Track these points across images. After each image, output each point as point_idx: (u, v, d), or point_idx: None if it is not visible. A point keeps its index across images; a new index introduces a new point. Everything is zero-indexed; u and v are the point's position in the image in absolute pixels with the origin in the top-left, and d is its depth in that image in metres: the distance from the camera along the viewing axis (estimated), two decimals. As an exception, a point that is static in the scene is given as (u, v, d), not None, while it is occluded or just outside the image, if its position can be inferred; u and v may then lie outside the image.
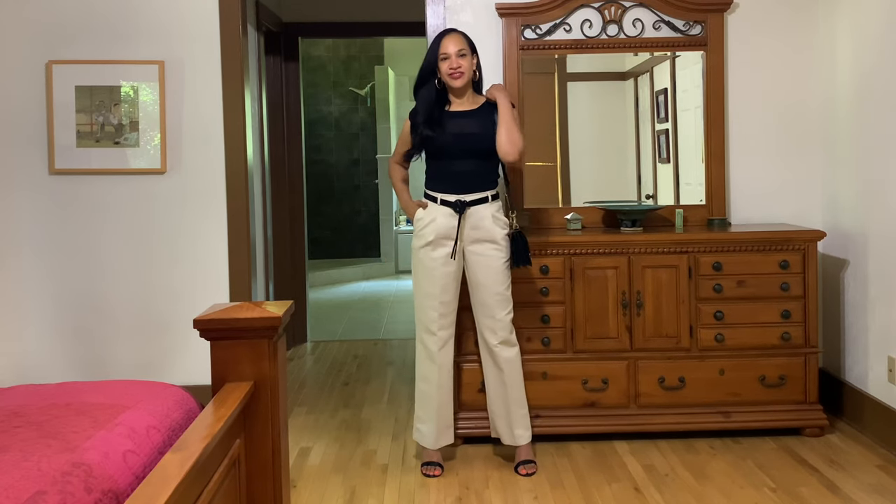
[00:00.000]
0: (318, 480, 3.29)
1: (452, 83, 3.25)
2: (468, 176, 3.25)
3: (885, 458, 3.37)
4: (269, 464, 2.13)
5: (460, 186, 3.25)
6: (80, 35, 3.91)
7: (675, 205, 4.04)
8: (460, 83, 3.24)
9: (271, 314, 2.11)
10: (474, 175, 3.26)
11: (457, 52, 3.22)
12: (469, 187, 3.25)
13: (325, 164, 9.59)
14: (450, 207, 3.25)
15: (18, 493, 1.52)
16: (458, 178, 3.25)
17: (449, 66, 3.22)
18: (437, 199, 3.28)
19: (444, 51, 3.23)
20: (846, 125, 3.85)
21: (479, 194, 3.26)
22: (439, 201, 3.27)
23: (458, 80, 3.23)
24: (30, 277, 3.93)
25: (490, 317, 3.29)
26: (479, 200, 3.26)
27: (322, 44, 9.52)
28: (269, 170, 5.30)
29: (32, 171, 3.91)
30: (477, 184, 3.26)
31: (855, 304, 3.78)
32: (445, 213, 3.25)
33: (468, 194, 3.25)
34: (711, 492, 3.09)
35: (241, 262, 3.99)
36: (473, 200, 3.25)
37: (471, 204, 3.25)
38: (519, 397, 3.36)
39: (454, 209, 3.24)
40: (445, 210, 3.25)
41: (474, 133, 3.25)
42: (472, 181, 3.25)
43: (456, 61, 3.21)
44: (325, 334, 6.08)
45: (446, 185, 3.27)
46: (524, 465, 3.31)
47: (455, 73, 3.22)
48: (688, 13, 3.97)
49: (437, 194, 3.28)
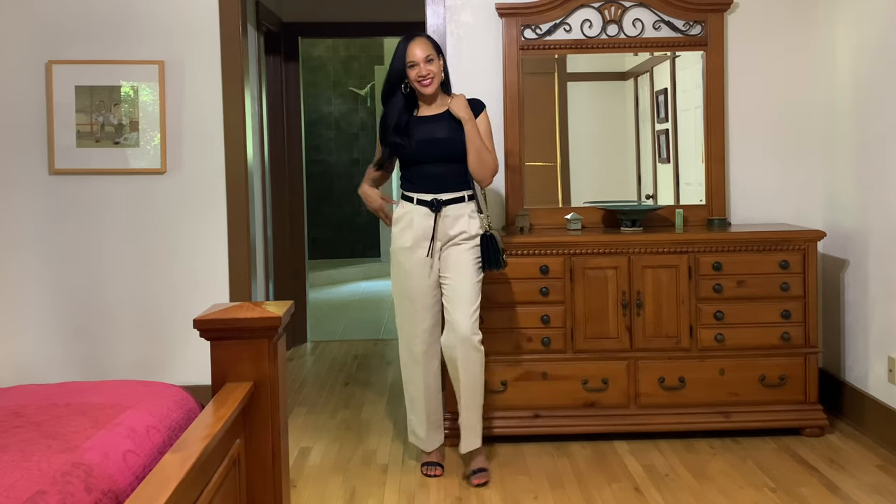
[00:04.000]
0: (318, 480, 3.29)
1: (423, 90, 3.21)
2: (442, 178, 3.23)
3: (885, 458, 3.37)
4: (269, 464, 2.13)
5: (435, 187, 3.23)
6: (80, 35, 3.90)
7: (675, 205, 4.04)
8: (431, 90, 3.21)
9: (271, 314, 2.11)
10: (448, 177, 3.24)
11: (424, 58, 3.15)
12: (444, 188, 3.23)
13: (325, 164, 9.58)
14: (426, 207, 3.22)
15: (18, 493, 1.52)
16: (433, 180, 3.24)
17: (418, 73, 3.17)
18: (413, 200, 3.25)
19: (412, 58, 3.16)
20: (846, 125, 3.85)
21: (455, 194, 3.24)
22: (416, 201, 3.24)
23: (428, 87, 3.20)
24: (30, 277, 3.92)
25: (455, 309, 3.18)
26: (455, 200, 3.23)
27: (322, 44, 9.51)
28: (269, 170, 5.30)
29: (32, 171, 3.91)
30: (451, 184, 3.24)
31: (855, 304, 3.78)
32: (422, 212, 3.22)
33: (444, 194, 3.22)
34: (711, 492, 3.09)
35: (241, 262, 3.99)
36: (450, 199, 3.23)
37: (447, 203, 3.22)
38: (472, 404, 3.24)
39: (430, 208, 3.21)
40: (422, 210, 3.23)
41: (443, 138, 3.22)
42: (446, 182, 3.23)
43: (425, 68, 3.16)
44: (325, 334, 6.08)
45: (421, 186, 3.25)
46: (476, 474, 3.22)
47: (425, 81, 3.18)
48: (688, 13, 3.97)
49: (414, 194, 3.26)
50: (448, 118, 3.23)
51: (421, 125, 3.25)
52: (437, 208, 3.20)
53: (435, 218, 3.20)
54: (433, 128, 3.24)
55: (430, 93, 3.21)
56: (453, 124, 3.22)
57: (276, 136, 5.47)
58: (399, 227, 3.26)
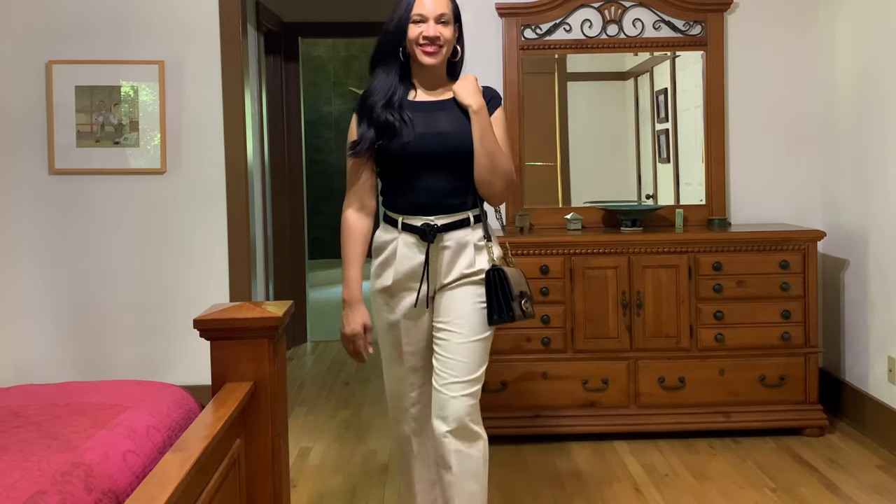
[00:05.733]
0: (318, 480, 3.29)
1: (425, 59, 2.27)
2: (440, 191, 2.28)
3: (885, 458, 3.37)
4: (269, 464, 2.13)
5: (430, 205, 2.28)
6: (80, 35, 3.90)
7: (675, 205, 4.04)
8: (435, 60, 2.28)
9: (271, 314, 2.11)
10: (448, 190, 2.29)
11: (437, 15, 2.26)
12: (442, 206, 2.29)
13: (325, 164, 9.58)
14: (415, 234, 2.29)
15: (18, 493, 1.52)
16: (427, 193, 2.28)
17: (423, 33, 2.25)
18: (397, 223, 2.31)
19: (420, 10, 2.26)
20: (846, 125, 3.85)
21: (457, 215, 2.30)
22: (400, 225, 2.30)
23: (432, 56, 2.27)
24: (30, 277, 3.92)
25: (444, 381, 2.25)
26: (456, 224, 2.30)
27: (322, 44, 9.51)
28: (269, 170, 5.30)
29: (32, 171, 3.91)
30: (453, 201, 2.30)
31: (855, 304, 3.78)
32: (409, 242, 2.29)
33: (441, 216, 2.29)
34: (711, 492, 3.09)
35: (241, 262, 3.99)
36: (449, 224, 2.29)
37: (445, 228, 2.29)
38: None
39: (421, 236, 2.28)
40: (409, 239, 2.29)
41: (448, 131, 2.28)
42: (446, 198, 2.29)
43: (434, 28, 2.25)
44: (325, 334, 6.07)
45: (409, 203, 2.30)
46: None
47: (429, 47, 2.26)
48: (688, 13, 3.97)
49: (398, 216, 2.31)
50: (453, 108, 2.31)
51: (417, 112, 2.30)
52: (432, 236, 2.27)
53: (427, 250, 2.28)
54: (433, 118, 2.30)
55: (434, 63, 2.28)
56: (461, 116, 2.30)
57: (276, 136, 5.47)
58: (378, 260, 2.36)
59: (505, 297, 2.26)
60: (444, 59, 2.31)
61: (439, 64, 2.31)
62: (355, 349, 2.35)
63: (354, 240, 2.35)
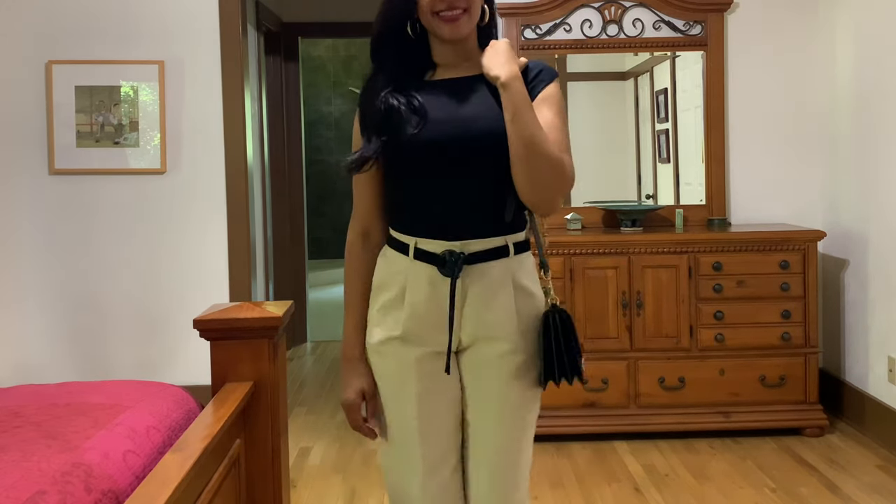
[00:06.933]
0: (318, 480, 3.29)
1: (445, 31, 1.62)
2: (467, 201, 1.62)
3: (885, 458, 3.37)
4: (269, 464, 2.13)
5: (454, 225, 1.61)
6: (80, 35, 3.90)
7: (675, 205, 4.04)
8: (459, 31, 1.62)
9: (271, 314, 2.11)
10: (479, 199, 1.62)
11: None
12: (471, 226, 1.62)
13: (325, 164, 9.58)
14: (433, 265, 1.61)
15: (18, 493, 1.52)
16: (449, 207, 1.62)
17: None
18: (407, 249, 1.64)
19: None
20: (846, 125, 3.85)
21: (493, 240, 1.62)
22: (412, 252, 1.63)
23: (455, 24, 1.61)
24: (30, 277, 3.92)
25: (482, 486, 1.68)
26: (491, 253, 1.62)
27: (322, 44, 9.51)
28: (269, 170, 5.30)
29: (32, 171, 3.91)
30: (486, 219, 1.62)
31: (855, 304, 3.78)
32: (424, 277, 1.62)
33: (470, 240, 1.61)
34: (711, 492, 3.09)
35: (241, 262, 3.99)
36: (480, 253, 1.61)
37: (476, 259, 1.61)
38: None
39: (442, 268, 1.60)
40: (424, 272, 1.62)
41: (474, 116, 1.61)
42: (474, 214, 1.62)
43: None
44: (325, 334, 6.07)
45: (424, 221, 1.63)
46: None
47: (451, 16, 1.60)
48: (688, 13, 3.97)
49: (409, 238, 1.64)
50: (483, 86, 1.64)
51: (434, 95, 1.64)
52: (456, 269, 1.59)
53: (452, 288, 1.60)
54: (455, 100, 1.63)
55: (460, 35, 1.63)
56: (493, 97, 1.62)
57: (276, 136, 5.47)
58: (380, 301, 1.69)
59: (570, 353, 1.64)
60: (472, 27, 1.64)
61: (467, 34, 1.64)
62: (355, 423, 1.71)
63: (351, 277, 1.73)
